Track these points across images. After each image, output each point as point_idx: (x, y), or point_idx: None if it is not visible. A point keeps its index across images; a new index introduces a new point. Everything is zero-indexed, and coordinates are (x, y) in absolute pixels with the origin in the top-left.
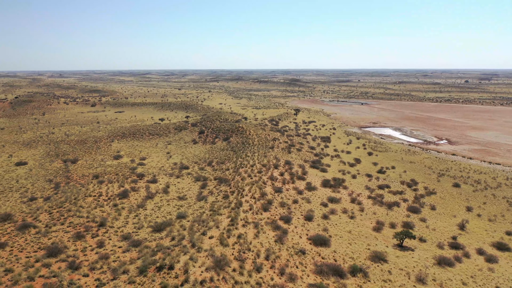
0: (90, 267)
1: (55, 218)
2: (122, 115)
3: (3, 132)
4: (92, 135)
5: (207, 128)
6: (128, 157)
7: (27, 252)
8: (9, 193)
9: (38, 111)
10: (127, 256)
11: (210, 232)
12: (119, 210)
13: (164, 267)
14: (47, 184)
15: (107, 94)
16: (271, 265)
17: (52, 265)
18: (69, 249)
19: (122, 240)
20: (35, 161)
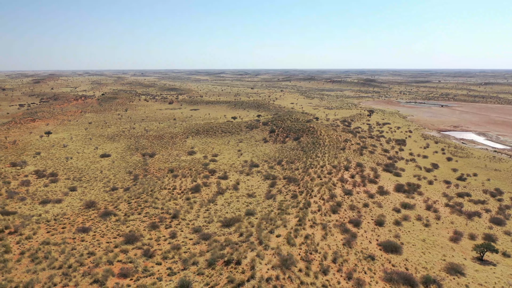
0: (163, 256)
1: (133, 208)
2: (197, 112)
3: (91, 126)
4: (168, 131)
5: (278, 127)
6: (201, 153)
7: (108, 238)
8: (94, 183)
9: (121, 107)
10: (197, 248)
11: (278, 231)
12: (191, 204)
13: (231, 261)
14: (127, 175)
15: (183, 92)
16: (338, 269)
17: (129, 251)
18: (145, 237)
19: (193, 233)
20: (117, 154)
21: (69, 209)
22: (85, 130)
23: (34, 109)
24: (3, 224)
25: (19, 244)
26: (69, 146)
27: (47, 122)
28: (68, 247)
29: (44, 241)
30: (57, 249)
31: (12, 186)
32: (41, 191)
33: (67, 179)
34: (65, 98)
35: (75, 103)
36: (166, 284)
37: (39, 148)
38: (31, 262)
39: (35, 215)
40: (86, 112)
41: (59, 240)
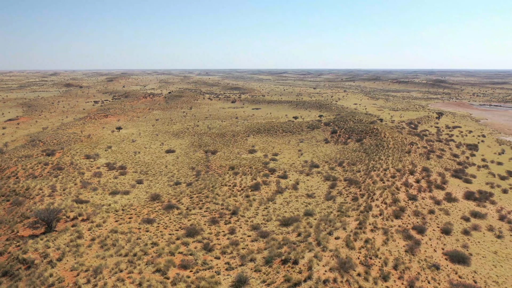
0: (222, 250)
1: (195, 203)
2: (258, 111)
3: (158, 122)
4: (230, 130)
5: (340, 128)
6: (261, 152)
7: (170, 230)
8: (159, 177)
9: (186, 105)
10: (255, 245)
11: (337, 233)
12: (251, 201)
13: (288, 260)
14: (190, 171)
15: (246, 91)
16: (399, 276)
17: (190, 244)
18: (205, 232)
19: (251, 230)
20: (181, 150)
21: (135, 201)
22: (152, 126)
23: (107, 106)
24: (77, 212)
25: (90, 231)
26: (137, 141)
27: (118, 118)
28: (134, 237)
29: (112, 229)
30: (123, 238)
31: (86, 177)
32: (111, 182)
33: (135, 172)
34: (135, 96)
35: (144, 100)
36: (224, 278)
37: (110, 142)
38: (100, 248)
39: (105, 205)
40: (153, 109)
41: (126, 229)
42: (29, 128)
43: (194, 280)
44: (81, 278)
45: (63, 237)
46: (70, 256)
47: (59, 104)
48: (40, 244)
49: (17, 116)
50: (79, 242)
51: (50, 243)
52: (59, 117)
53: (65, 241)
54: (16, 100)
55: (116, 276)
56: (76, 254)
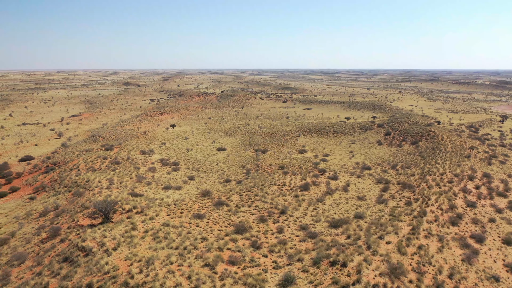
0: (269, 249)
1: (244, 200)
2: (309, 112)
3: (210, 121)
4: (281, 129)
5: (394, 130)
6: (312, 152)
7: (219, 226)
8: (210, 174)
9: (238, 105)
10: (303, 246)
11: (388, 237)
12: (300, 201)
13: (337, 262)
14: (240, 169)
15: (297, 91)
16: (454, 286)
17: (238, 241)
18: (253, 229)
19: (299, 230)
20: (232, 148)
21: (187, 196)
22: (205, 124)
23: (162, 104)
24: (132, 204)
25: (144, 223)
26: (190, 138)
27: (172, 116)
28: (184, 231)
29: (164, 222)
30: (175, 231)
31: (141, 172)
32: (164, 178)
33: (187, 169)
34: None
35: (197, 99)
36: (271, 277)
37: (164, 139)
38: (152, 240)
39: (158, 199)
40: (206, 108)
41: (177, 223)
42: (90, 124)
43: (242, 276)
44: (134, 268)
45: (118, 228)
46: (124, 246)
47: (118, 101)
48: (98, 233)
49: (80, 112)
50: (133, 234)
51: (106, 233)
52: (118, 114)
53: (120, 231)
54: (79, 98)
55: (167, 268)
56: (130, 244)
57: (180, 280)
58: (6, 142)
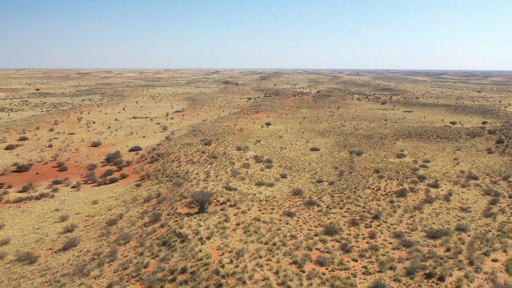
0: (360, 253)
1: (335, 202)
2: (410, 114)
3: (305, 120)
4: (378, 132)
5: (508, 138)
6: (410, 157)
7: (309, 226)
8: (302, 173)
9: (334, 105)
10: (396, 254)
11: (494, 255)
12: (395, 208)
13: (433, 275)
14: (333, 170)
15: (398, 93)
16: None
17: (327, 242)
18: (343, 232)
19: (393, 237)
20: (325, 149)
21: (278, 193)
22: (299, 124)
23: (259, 103)
24: (226, 197)
25: (236, 216)
26: (284, 137)
27: (268, 115)
28: (274, 227)
29: (255, 217)
30: (265, 227)
31: (236, 167)
32: (258, 174)
33: (280, 167)
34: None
35: (293, 99)
36: (360, 282)
37: (259, 136)
38: (243, 233)
39: (250, 194)
40: (301, 107)
41: (268, 219)
42: (192, 120)
43: (329, 278)
44: (225, 257)
45: (212, 219)
46: (217, 236)
47: (217, 99)
48: (194, 222)
49: (183, 108)
50: (225, 225)
51: (201, 222)
52: (217, 111)
53: (214, 222)
54: (183, 95)
55: (255, 261)
56: (222, 235)
57: (268, 274)
58: (119, 133)
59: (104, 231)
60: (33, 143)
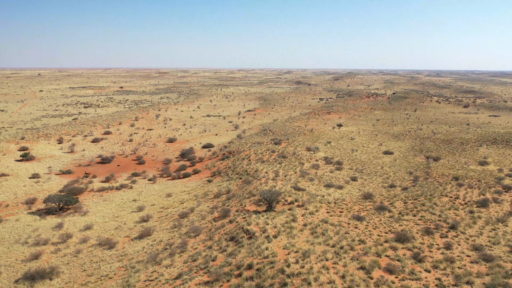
0: (433, 264)
1: (408, 208)
2: (496, 119)
3: (378, 123)
4: (459, 137)
5: None
6: (495, 166)
7: (379, 231)
8: (373, 177)
9: (410, 107)
10: (474, 268)
11: None
12: (475, 218)
13: None
14: (407, 175)
15: (483, 96)
16: None
17: (398, 249)
18: (416, 240)
19: (472, 250)
20: (400, 153)
21: (347, 196)
22: (372, 126)
23: (330, 103)
24: (294, 197)
25: (304, 217)
26: (356, 139)
27: (339, 116)
28: (342, 230)
29: (323, 219)
30: (332, 229)
31: (305, 167)
32: (327, 175)
33: (350, 169)
34: (358, 95)
35: (367, 100)
36: None
37: (330, 138)
38: (310, 234)
39: (319, 195)
40: (375, 109)
41: (336, 221)
42: (263, 119)
43: (399, 287)
44: (291, 257)
45: (280, 218)
46: (284, 235)
47: (289, 99)
48: (261, 219)
49: (255, 108)
50: (292, 225)
51: (269, 220)
52: (288, 111)
53: (281, 221)
54: (255, 94)
55: (322, 263)
56: (289, 235)
57: (334, 277)
58: (193, 131)
59: (176, 223)
60: (116, 137)
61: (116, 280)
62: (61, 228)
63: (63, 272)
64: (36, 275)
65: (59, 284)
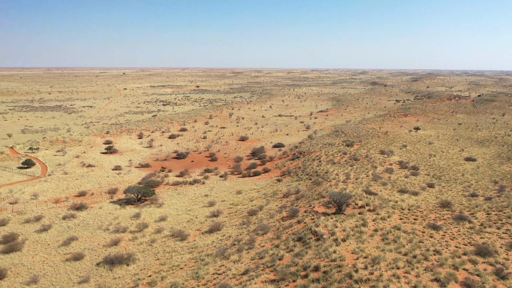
0: None
1: (492, 220)
2: None
3: (460, 127)
4: None
5: None
6: None
7: (457, 242)
8: (452, 184)
9: (497, 111)
10: None
11: None
12: None
13: None
14: (491, 184)
15: None
16: None
17: (478, 263)
18: (499, 255)
19: None
20: (484, 160)
21: (423, 203)
22: (453, 130)
23: (408, 105)
24: (365, 201)
25: (374, 222)
26: (434, 144)
27: (417, 118)
28: (416, 239)
29: (395, 225)
30: (405, 237)
31: (378, 171)
32: (401, 181)
33: (427, 175)
34: (439, 97)
35: (448, 102)
36: None
37: (406, 141)
38: (381, 240)
39: (392, 201)
40: (457, 112)
41: (409, 229)
42: (335, 120)
43: None
44: (359, 262)
45: (349, 221)
46: (353, 239)
47: (363, 100)
48: (330, 222)
49: (327, 108)
50: (362, 230)
51: (338, 223)
52: (361, 113)
53: (350, 225)
54: (328, 95)
55: (392, 271)
56: (358, 239)
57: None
58: (265, 130)
59: (245, 220)
60: (191, 134)
61: (186, 271)
62: (139, 218)
63: (138, 259)
64: (115, 260)
65: (134, 270)
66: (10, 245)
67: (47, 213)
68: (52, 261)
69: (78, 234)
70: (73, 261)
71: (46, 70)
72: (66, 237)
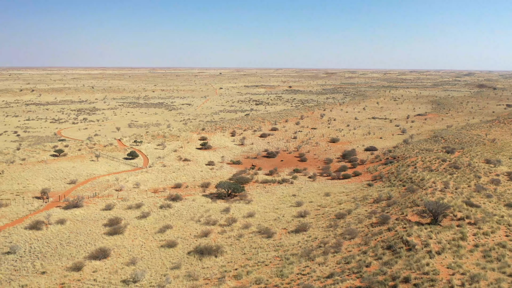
0: None
1: None
2: None
3: None
4: None
5: None
6: None
7: None
8: None
9: None
10: None
11: None
12: None
13: None
14: None
15: None
16: None
17: None
18: None
19: None
20: None
21: None
22: None
23: None
24: (465, 213)
25: (475, 237)
26: None
27: None
28: None
29: (500, 242)
30: (511, 256)
31: (481, 181)
32: (509, 194)
33: None
34: None
35: None
36: None
37: None
38: (482, 257)
39: (497, 215)
40: None
41: None
42: (434, 125)
43: None
44: (455, 279)
45: (445, 233)
46: (449, 253)
47: (467, 104)
48: (424, 232)
49: (426, 112)
50: (460, 243)
51: (432, 234)
52: (465, 117)
53: (447, 237)
54: (427, 97)
55: None
56: (455, 254)
57: None
58: (357, 132)
59: (332, 223)
60: (281, 134)
61: (271, 268)
62: (228, 212)
63: (226, 252)
64: (204, 250)
65: (222, 262)
66: (114, 228)
67: (147, 201)
68: (149, 246)
69: (173, 223)
70: (167, 248)
71: (151, 70)
72: (162, 225)
